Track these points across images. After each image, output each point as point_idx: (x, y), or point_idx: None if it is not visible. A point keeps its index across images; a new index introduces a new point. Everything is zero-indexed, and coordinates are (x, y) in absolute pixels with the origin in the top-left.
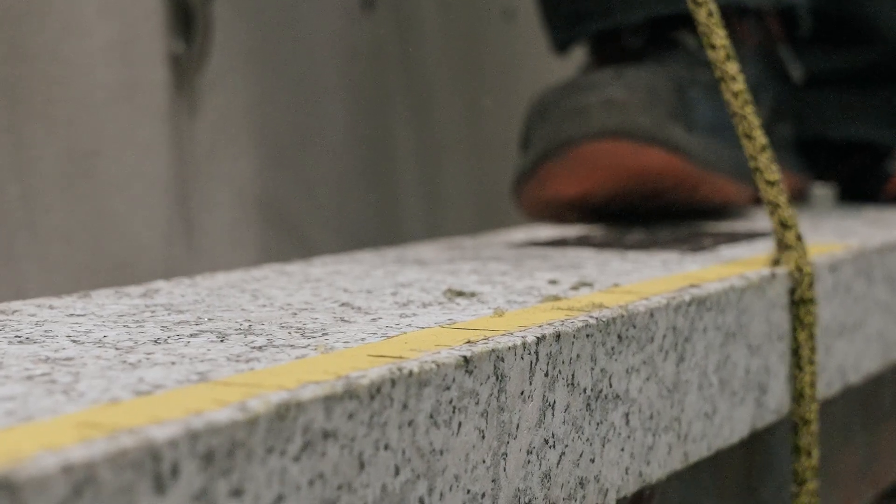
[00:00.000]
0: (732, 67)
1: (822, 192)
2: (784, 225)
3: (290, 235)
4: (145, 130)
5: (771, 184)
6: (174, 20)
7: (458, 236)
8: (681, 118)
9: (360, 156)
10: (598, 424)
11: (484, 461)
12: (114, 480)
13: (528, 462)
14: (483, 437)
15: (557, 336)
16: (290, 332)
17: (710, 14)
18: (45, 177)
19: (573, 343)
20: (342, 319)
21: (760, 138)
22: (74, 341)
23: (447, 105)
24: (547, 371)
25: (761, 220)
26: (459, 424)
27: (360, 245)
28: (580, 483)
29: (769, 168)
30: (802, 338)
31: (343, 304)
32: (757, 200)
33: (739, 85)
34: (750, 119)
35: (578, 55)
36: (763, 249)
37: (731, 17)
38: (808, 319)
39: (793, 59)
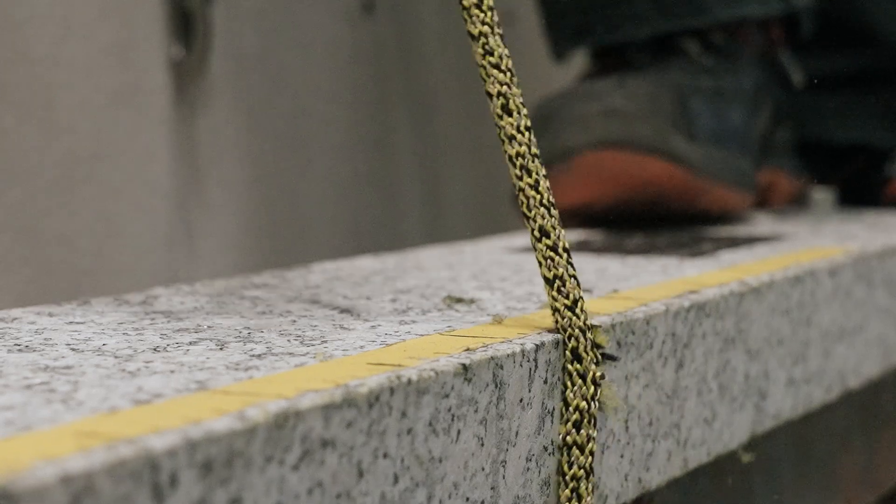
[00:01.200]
0: (509, 123)
1: (822, 195)
2: (566, 341)
3: (290, 240)
4: (145, 135)
5: (549, 281)
6: (174, 25)
7: (458, 241)
8: (682, 128)
9: (361, 160)
10: (597, 431)
11: (483, 469)
12: (112, 490)
13: (528, 469)
14: (482, 444)
15: (556, 343)
16: (289, 340)
17: (485, 53)
18: (45, 181)
19: None
20: (341, 327)
21: (540, 219)
22: (74, 349)
23: (447, 109)
24: (546, 378)
25: (762, 225)
26: (458, 432)
27: (361, 250)
28: None
29: (548, 260)
30: (563, 498)
31: (342, 311)
32: (758, 205)
33: (520, 147)
34: (528, 193)
35: (578, 59)
36: (762, 254)
37: (732, 24)
38: (575, 473)
39: (795, 63)
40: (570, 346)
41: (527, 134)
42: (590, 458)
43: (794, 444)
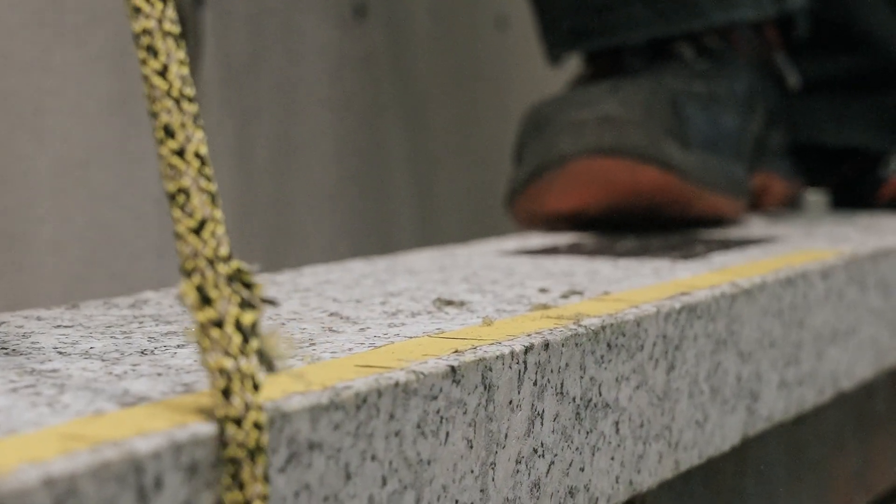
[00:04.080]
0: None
1: (816, 198)
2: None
3: (281, 245)
4: (137, 141)
5: (171, 197)
6: None
7: (450, 244)
8: (676, 135)
9: (353, 165)
10: (587, 433)
11: (472, 471)
12: (96, 493)
13: (517, 471)
14: (471, 446)
15: (546, 345)
16: None
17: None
18: (37, 187)
19: (562, 352)
20: (330, 329)
21: (165, 115)
22: (61, 353)
23: (440, 113)
24: (535, 380)
25: (754, 227)
26: (447, 434)
27: (353, 254)
28: (570, 492)
29: (171, 169)
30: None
31: (332, 314)
32: (751, 207)
33: (148, 21)
34: (154, 81)
35: (573, 61)
36: (755, 256)
37: (727, 27)
38: (234, 454)
39: (790, 65)
40: (194, 282)
41: (159, 6)
42: (255, 432)
43: (786, 446)
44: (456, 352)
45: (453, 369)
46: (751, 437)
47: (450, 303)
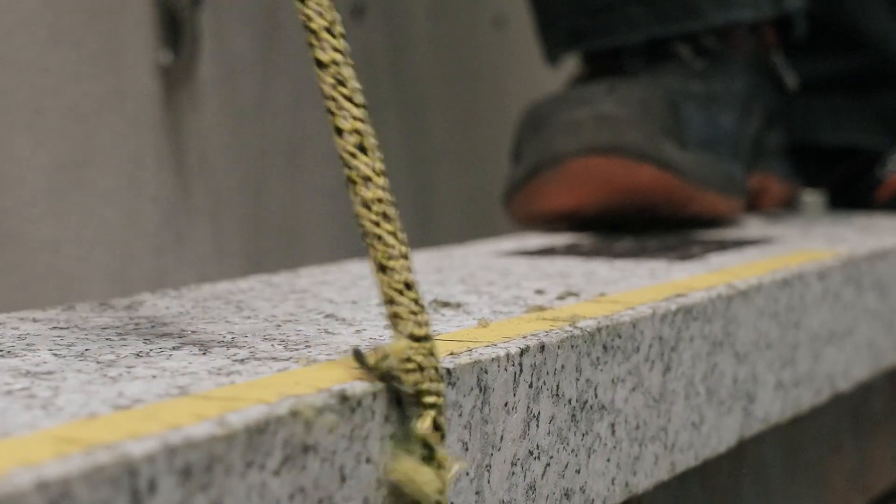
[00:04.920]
0: (365, 163)
1: (813, 198)
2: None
3: (279, 245)
4: (134, 141)
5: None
6: (162, 30)
7: (447, 245)
8: (673, 134)
9: None
10: (583, 435)
11: (467, 473)
12: (90, 497)
13: (513, 474)
14: (466, 448)
15: (542, 347)
16: (272, 345)
17: (337, 84)
18: (34, 187)
19: (558, 354)
20: (326, 331)
21: (406, 272)
22: (56, 355)
23: (438, 113)
24: (531, 382)
25: (752, 228)
26: (442, 437)
27: (351, 254)
28: (566, 494)
29: (415, 315)
30: None
31: (328, 316)
32: (749, 208)
33: (378, 190)
34: (388, 241)
35: (570, 62)
36: (751, 257)
37: (725, 28)
38: None
39: (788, 66)
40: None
41: (383, 178)
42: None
43: (783, 447)
44: (451, 354)
45: (449, 371)
46: (747, 439)
47: (446, 304)
